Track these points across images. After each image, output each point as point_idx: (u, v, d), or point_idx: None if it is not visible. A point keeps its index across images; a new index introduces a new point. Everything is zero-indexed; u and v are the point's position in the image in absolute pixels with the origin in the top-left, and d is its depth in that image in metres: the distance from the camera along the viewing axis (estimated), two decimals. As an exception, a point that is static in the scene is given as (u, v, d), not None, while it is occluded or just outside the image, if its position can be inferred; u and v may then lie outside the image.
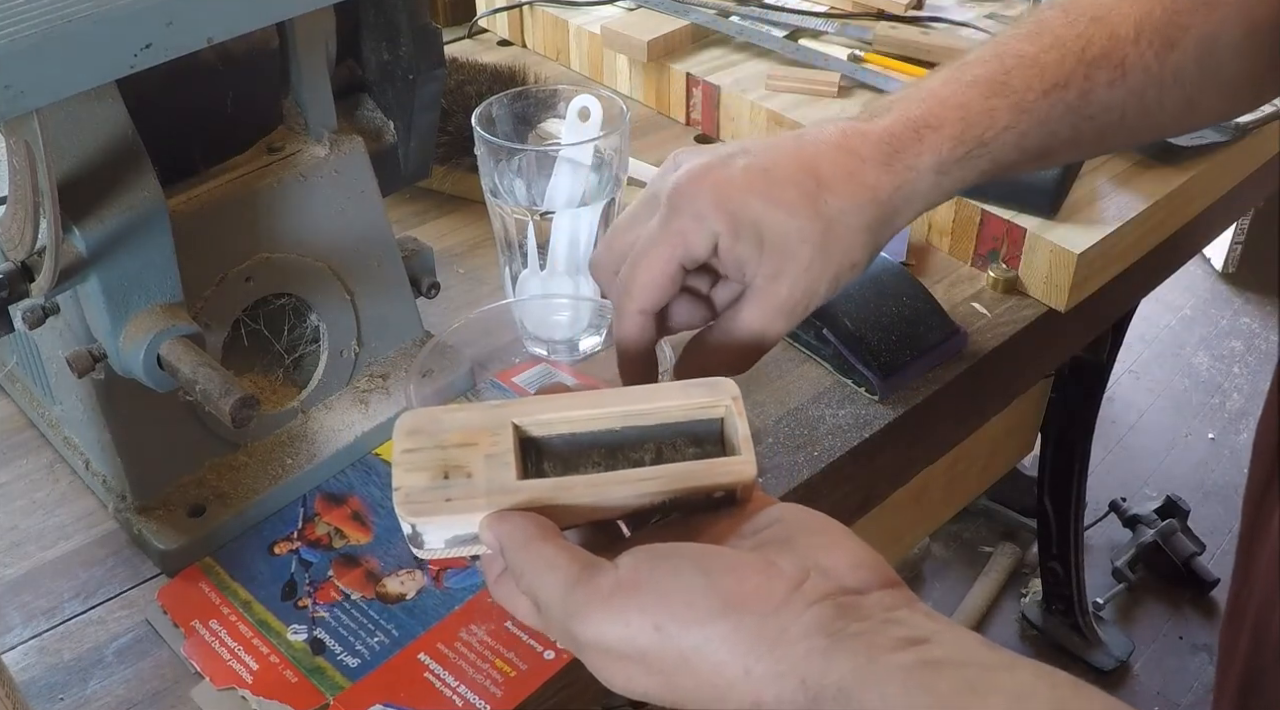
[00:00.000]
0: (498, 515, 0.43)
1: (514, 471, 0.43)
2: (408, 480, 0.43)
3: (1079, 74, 0.56)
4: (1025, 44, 0.56)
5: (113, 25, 0.49)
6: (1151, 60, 0.56)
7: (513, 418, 0.45)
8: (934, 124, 0.54)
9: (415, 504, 0.43)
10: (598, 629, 0.41)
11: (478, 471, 0.44)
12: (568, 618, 0.41)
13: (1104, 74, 0.56)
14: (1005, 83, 0.55)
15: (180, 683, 0.59)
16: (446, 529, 0.44)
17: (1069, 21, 0.57)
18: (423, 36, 0.69)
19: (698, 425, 0.46)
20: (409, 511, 0.43)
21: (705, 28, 1.08)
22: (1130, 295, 1.04)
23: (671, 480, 0.44)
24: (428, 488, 0.43)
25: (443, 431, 0.45)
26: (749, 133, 1.01)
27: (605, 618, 0.41)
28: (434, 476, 0.43)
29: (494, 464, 0.44)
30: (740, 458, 0.44)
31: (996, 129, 0.54)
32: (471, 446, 0.44)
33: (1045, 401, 1.30)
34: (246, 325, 0.67)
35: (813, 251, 0.51)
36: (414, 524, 0.43)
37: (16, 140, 0.52)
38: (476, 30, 1.23)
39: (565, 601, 0.41)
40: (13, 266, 0.56)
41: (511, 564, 0.43)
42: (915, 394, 0.76)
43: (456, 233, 0.93)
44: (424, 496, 0.43)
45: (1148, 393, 2.32)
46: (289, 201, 0.66)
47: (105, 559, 0.66)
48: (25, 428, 0.74)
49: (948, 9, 1.15)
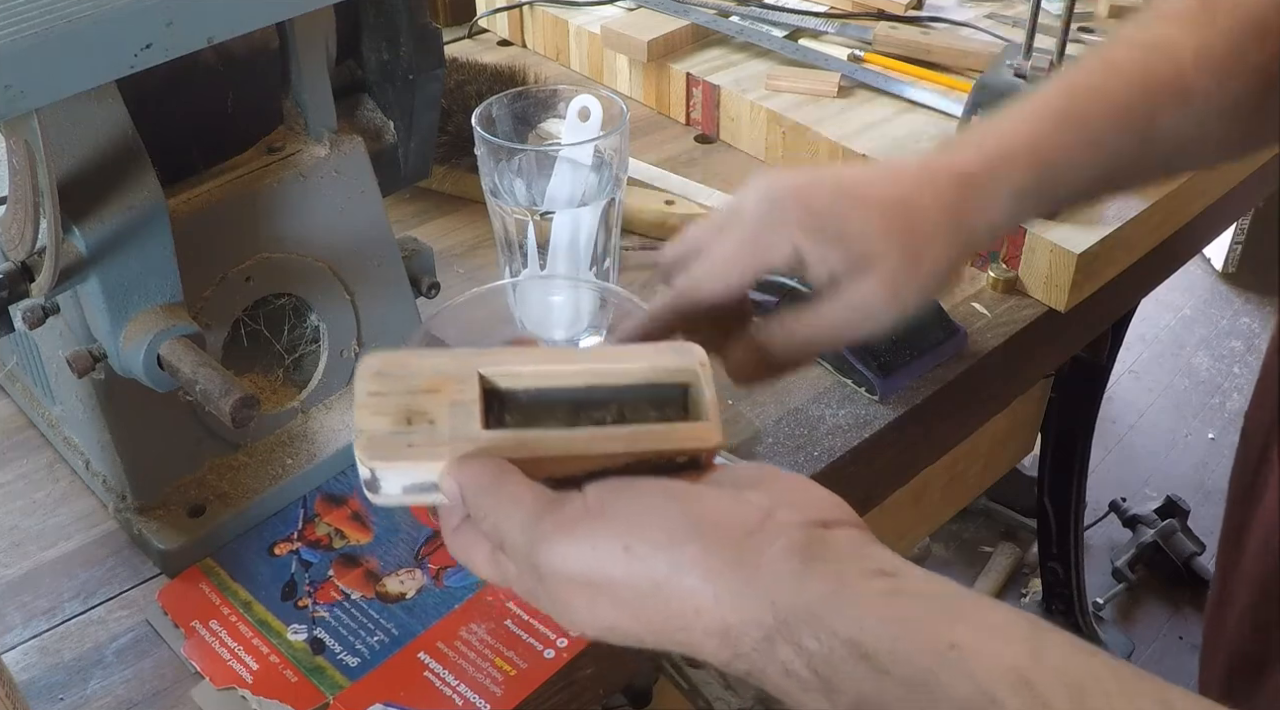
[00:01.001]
0: (459, 461, 0.43)
1: (478, 421, 0.43)
2: (370, 424, 0.43)
3: (1143, 104, 0.57)
4: (1091, 76, 0.58)
5: (113, 25, 0.49)
6: (1213, 88, 0.58)
7: (480, 367, 0.45)
8: (1008, 156, 0.56)
9: (377, 448, 0.43)
10: (563, 554, 0.40)
11: (441, 419, 0.43)
12: (532, 548, 0.41)
13: (1168, 103, 0.57)
14: (1075, 115, 0.57)
15: (180, 683, 0.59)
16: (405, 476, 0.43)
17: (1131, 52, 0.59)
18: (423, 36, 0.69)
19: (665, 389, 0.46)
20: (369, 455, 0.42)
21: (705, 28, 1.08)
22: (1130, 295, 1.04)
23: (636, 441, 0.44)
24: (390, 433, 0.43)
25: (409, 376, 0.44)
26: (749, 133, 1.01)
27: (572, 542, 0.40)
28: (396, 421, 0.43)
29: (458, 412, 0.43)
30: (706, 423, 0.44)
31: (1068, 160, 0.56)
32: (436, 393, 0.44)
33: (1045, 401, 1.30)
34: (246, 325, 0.67)
35: (899, 256, 0.53)
36: (373, 469, 0.43)
37: (16, 140, 0.53)
38: (476, 30, 1.23)
39: (531, 531, 0.41)
40: (13, 266, 0.56)
41: (474, 507, 0.42)
42: (915, 394, 0.76)
43: (456, 233, 0.93)
44: (386, 441, 0.43)
45: (1148, 393, 2.32)
46: (289, 201, 0.66)
47: (105, 559, 0.66)
48: (25, 428, 0.74)
49: (948, 9, 1.15)
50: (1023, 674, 0.35)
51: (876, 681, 0.37)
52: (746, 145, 1.02)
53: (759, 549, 0.40)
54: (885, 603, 0.38)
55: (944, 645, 0.36)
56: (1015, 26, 1.11)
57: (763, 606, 0.39)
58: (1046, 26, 0.94)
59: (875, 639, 0.37)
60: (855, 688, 0.37)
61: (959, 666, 0.36)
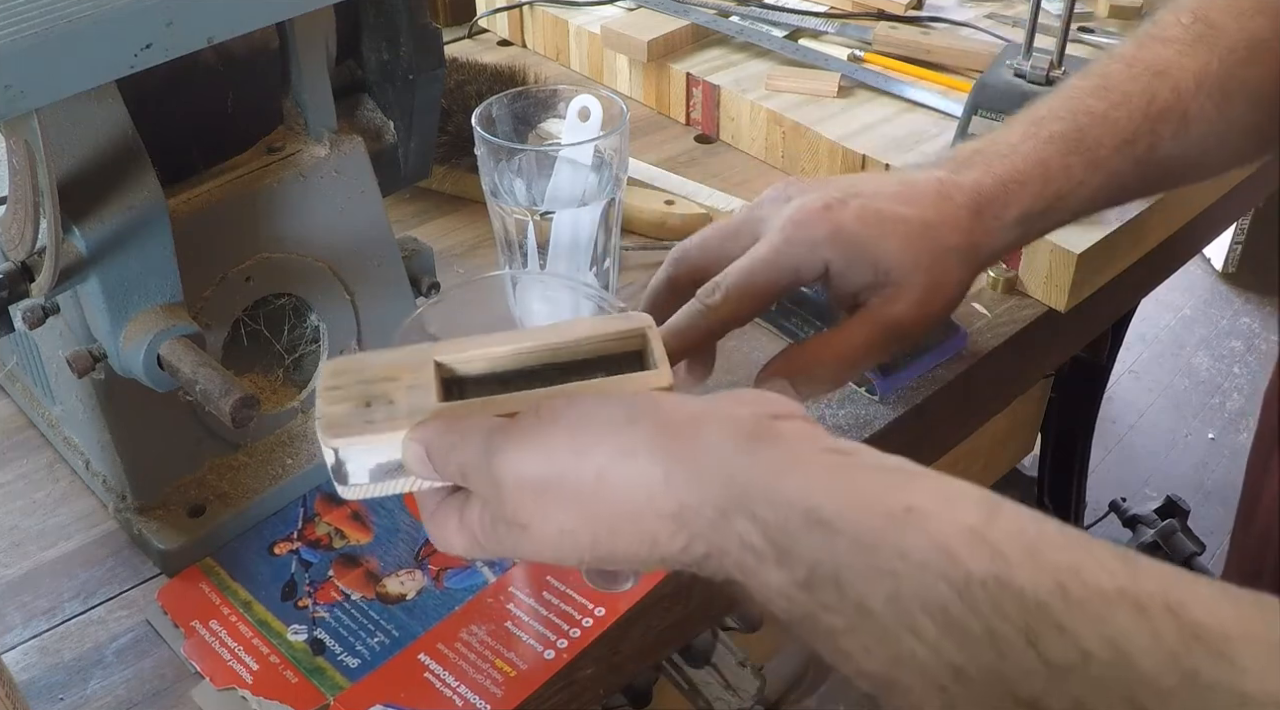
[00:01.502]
0: (417, 424, 0.43)
1: (435, 396, 0.44)
2: (330, 409, 0.44)
3: (1145, 129, 0.59)
4: (1094, 100, 0.60)
5: (113, 25, 0.49)
6: (1211, 111, 0.59)
7: (435, 355, 0.46)
8: (1019, 180, 0.57)
9: (337, 427, 0.43)
10: (517, 459, 0.41)
11: (400, 399, 0.44)
12: (490, 461, 0.41)
13: (1169, 127, 0.59)
14: (1080, 140, 0.58)
15: (180, 683, 0.59)
16: (369, 455, 0.44)
17: (1133, 76, 0.60)
18: (423, 36, 0.69)
19: (618, 358, 0.47)
20: (330, 434, 0.43)
21: (705, 28, 1.08)
22: (1130, 295, 1.04)
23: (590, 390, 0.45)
24: (350, 413, 0.44)
25: (365, 369, 0.46)
26: (749, 133, 1.01)
27: (524, 447, 0.41)
28: (357, 405, 0.44)
29: (415, 393, 0.44)
30: (656, 371, 0.45)
31: (1073, 184, 0.58)
32: (394, 380, 0.45)
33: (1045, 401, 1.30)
34: (246, 325, 0.67)
35: (926, 281, 0.55)
36: (336, 449, 0.43)
37: (16, 140, 0.52)
38: (476, 30, 1.23)
39: (487, 446, 0.42)
40: (13, 266, 0.56)
41: (436, 455, 0.43)
42: (915, 394, 0.76)
43: (456, 233, 0.93)
44: (345, 420, 0.43)
45: (1148, 393, 2.32)
46: (289, 201, 0.66)
47: (105, 559, 0.66)
48: (25, 428, 0.74)
49: (948, 9, 1.15)
50: (979, 532, 0.35)
51: (830, 545, 0.37)
52: (746, 145, 1.02)
53: (707, 432, 0.40)
54: (839, 473, 0.39)
55: (899, 508, 0.37)
56: (1015, 26, 1.11)
57: (716, 482, 0.39)
58: (1046, 26, 0.94)
59: (830, 504, 0.37)
60: (811, 555, 0.37)
61: (915, 527, 0.36)
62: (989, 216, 0.56)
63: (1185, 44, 0.60)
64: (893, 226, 0.54)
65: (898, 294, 0.54)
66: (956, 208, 0.56)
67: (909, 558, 0.35)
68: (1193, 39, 0.60)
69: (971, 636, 0.34)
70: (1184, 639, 0.32)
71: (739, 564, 0.39)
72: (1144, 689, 0.31)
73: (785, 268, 0.55)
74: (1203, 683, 0.31)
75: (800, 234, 0.55)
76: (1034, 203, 0.57)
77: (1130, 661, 0.32)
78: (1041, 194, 0.57)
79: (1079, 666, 0.32)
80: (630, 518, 0.40)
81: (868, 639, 0.36)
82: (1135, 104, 0.59)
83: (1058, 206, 0.58)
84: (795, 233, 0.55)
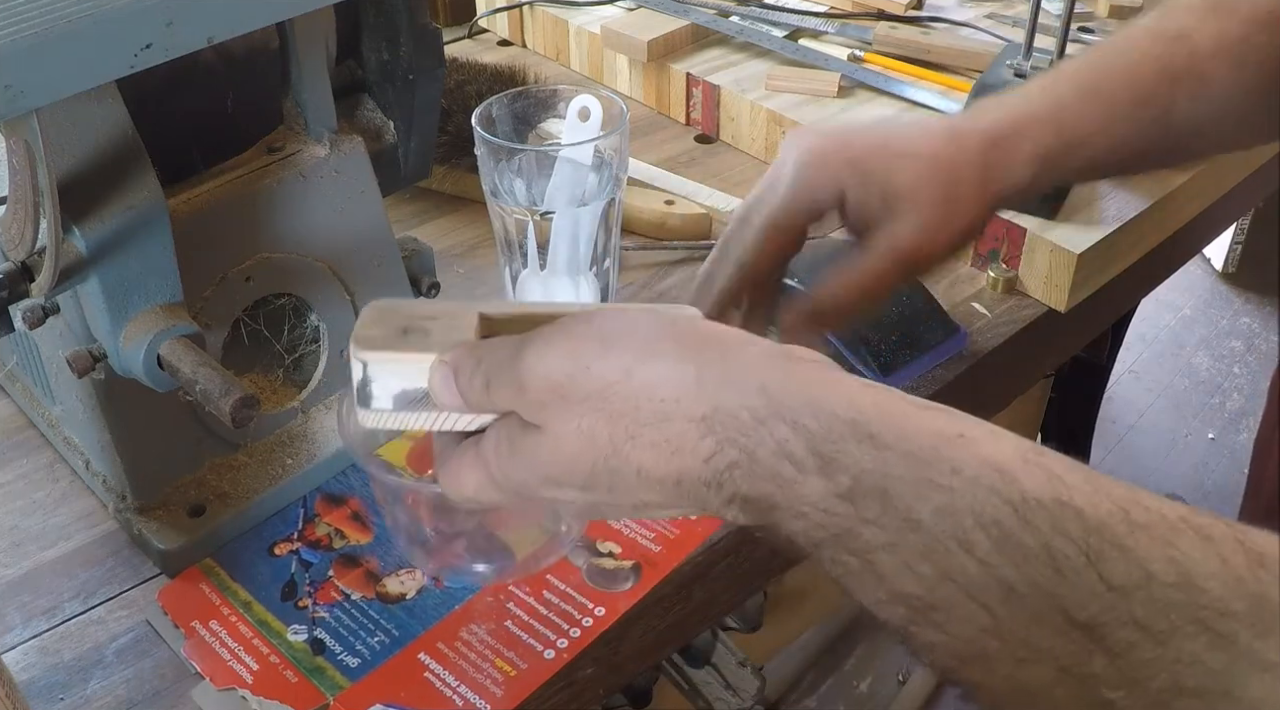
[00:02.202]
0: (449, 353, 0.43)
1: (473, 335, 0.44)
2: (365, 330, 0.44)
3: (1164, 88, 0.60)
4: (1115, 57, 0.62)
5: (113, 25, 0.49)
6: (1227, 76, 0.61)
7: (480, 308, 0.46)
8: (1034, 118, 0.59)
9: (371, 341, 0.43)
10: (543, 354, 0.40)
11: (436, 332, 0.44)
12: (515, 363, 0.40)
13: (1185, 89, 0.60)
14: (1097, 89, 0.60)
15: (180, 683, 0.59)
16: (396, 378, 0.43)
17: (1154, 42, 0.61)
18: (423, 36, 0.69)
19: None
20: (363, 344, 0.43)
21: (705, 28, 1.08)
22: (1130, 295, 1.04)
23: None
24: (385, 335, 0.44)
25: (410, 308, 0.46)
26: (749, 133, 1.01)
27: (552, 346, 0.40)
28: (394, 331, 0.44)
29: (454, 330, 0.44)
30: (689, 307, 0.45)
31: (1089, 130, 0.59)
32: (435, 319, 0.45)
33: (1045, 401, 1.30)
34: (246, 325, 0.67)
35: (935, 208, 0.56)
36: (365, 364, 0.43)
37: (16, 140, 0.52)
38: (476, 30, 1.23)
39: (514, 352, 0.40)
40: (13, 266, 0.56)
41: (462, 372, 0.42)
42: (915, 394, 0.76)
43: (456, 233, 0.93)
44: (380, 338, 0.43)
45: (1148, 393, 2.32)
46: (289, 201, 0.66)
47: (105, 559, 0.66)
48: (25, 428, 0.74)
49: (948, 9, 1.15)
50: (1033, 458, 0.34)
51: (879, 457, 0.35)
52: (746, 145, 1.02)
53: (742, 345, 0.40)
54: (883, 397, 0.38)
55: (951, 433, 0.36)
56: (1015, 26, 1.11)
57: (752, 389, 0.37)
58: (1046, 26, 0.94)
59: (878, 421, 0.36)
60: (856, 464, 0.36)
61: (967, 448, 0.35)
62: (1002, 154, 0.58)
63: (1206, 10, 0.61)
64: (903, 159, 0.57)
65: (907, 221, 0.56)
66: (967, 144, 0.58)
67: (962, 473, 0.34)
68: (1213, 5, 0.61)
69: (1028, 553, 0.32)
70: (1250, 564, 0.31)
71: (773, 473, 0.37)
72: (1210, 611, 0.30)
73: (803, 200, 0.57)
74: (1272, 607, 0.30)
75: (816, 162, 0.57)
76: (1048, 141, 0.59)
77: (1196, 584, 0.31)
78: (1057, 133, 0.59)
79: (1143, 587, 0.31)
80: (655, 419, 0.38)
81: (911, 554, 0.34)
82: (1153, 66, 0.60)
83: (1074, 152, 0.59)
84: (811, 162, 0.57)
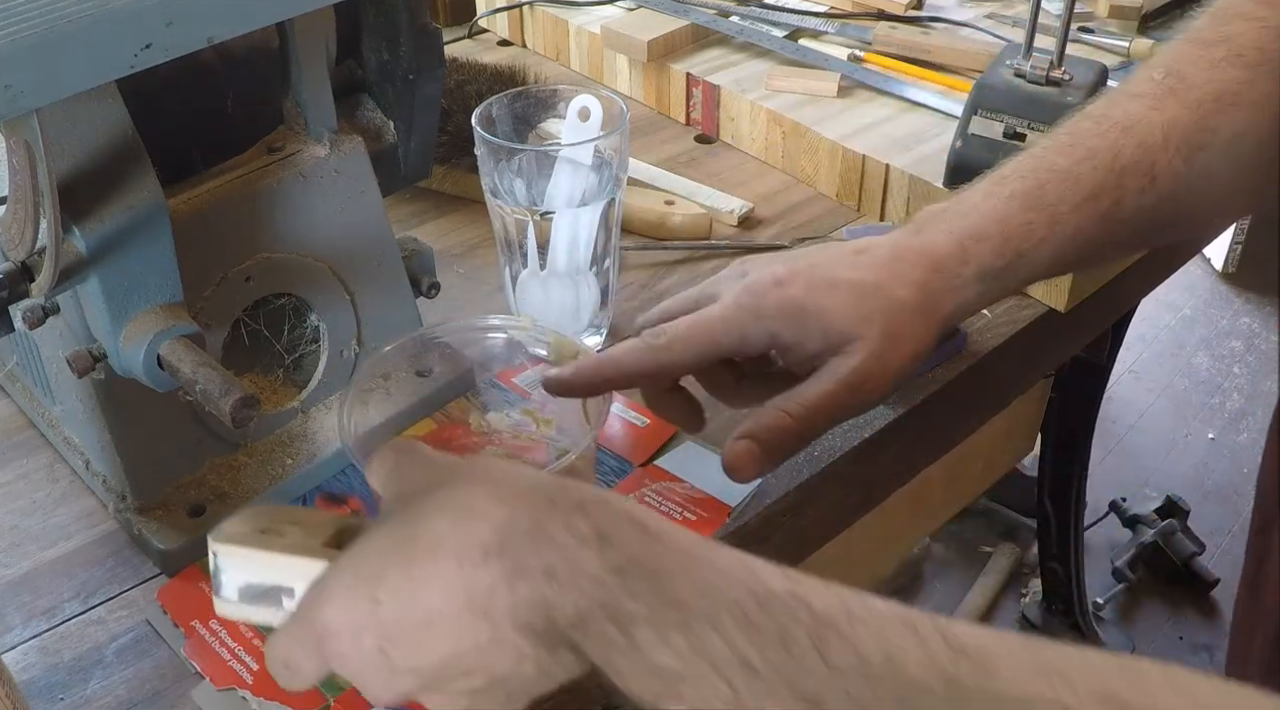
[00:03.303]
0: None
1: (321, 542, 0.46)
2: (230, 525, 0.47)
3: (1110, 184, 0.58)
4: (1059, 157, 0.59)
5: (113, 25, 0.49)
6: (1180, 165, 0.58)
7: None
8: (977, 237, 0.58)
9: (227, 533, 0.46)
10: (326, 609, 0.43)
11: (290, 535, 0.47)
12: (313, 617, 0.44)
13: (1134, 182, 0.58)
14: (1041, 196, 0.58)
15: (180, 683, 0.59)
16: (243, 572, 0.45)
17: (1100, 132, 0.60)
18: (423, 36, 0.69)
19: None
20: (216, 536, 0.45)
21: (705, 28, 1.08)
22: (1130, 295, 1.04)
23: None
24: (245, 532, 0.46)
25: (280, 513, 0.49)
26: (749, 133, 1.01)
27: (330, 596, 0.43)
28: (254, 529, 0.47)
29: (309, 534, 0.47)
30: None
31: (1033, 241, 0.58)
32: (296, 524, 0.48)
33: (1045, 401, 1.30)
34: (246, 325, 0.67)
35: (879, 335, 0.55)
36: (216, 554, 0.45)
37: (16, 140, 0.52)
38: (476, 30, 1.23)
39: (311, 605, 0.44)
40: (13, 266, 0.56)
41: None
42: (915, 394, 0.76)
43: (456, 233, 0.93)
44: (238, 533, 0.46)
45: (1148, 393, 2.32)
46: (289, 201, 0.66)
47: (105, 559, 0.66)
48: (25, 428, 0.74)
49: (948, 9, 1.15)
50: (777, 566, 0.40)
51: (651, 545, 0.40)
52: (746, 145, 1.02)
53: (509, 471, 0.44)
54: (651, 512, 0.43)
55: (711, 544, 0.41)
56: (1015, 26, 1.11)
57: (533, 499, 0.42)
58: (1046, 26, 0.94)
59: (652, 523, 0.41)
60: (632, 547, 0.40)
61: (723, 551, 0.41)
62: (946, 273, 0.57)
63: (1155, 98, 0.59)
64: (843, 291, 0.56)
65: (852, 350, 0.55)
66: (910, 266, 0.57)
67: (718, 567, 0.40)
68: (1163, 93, 0.59)
69: (766, 634, 0.37)
70: (949, 652, 0.36)
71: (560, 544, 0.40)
72: (912, 689, 0.35)
73: (732, 331, 0.57)
74: (964, 686, 0.35)
75: (750, 302, 0.57)
76: (993, 259, 0.57)
77: (901, 667, 0.36)
78: (1001, 250, 0.57)
79: (856, 668, 0.36)
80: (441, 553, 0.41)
81: (668, 629, 0.38)
82: (1100, 160, 0.58)
83: (1019, 263, 0.58)
84: (746, 301, 0.57)
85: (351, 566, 0.43)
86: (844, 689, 0.36)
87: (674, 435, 0.72)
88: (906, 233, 0.59)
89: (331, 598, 0.43)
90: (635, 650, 0.39)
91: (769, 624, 0.37)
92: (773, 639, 0.37)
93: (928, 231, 0.58)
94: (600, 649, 0.39)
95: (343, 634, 0.42)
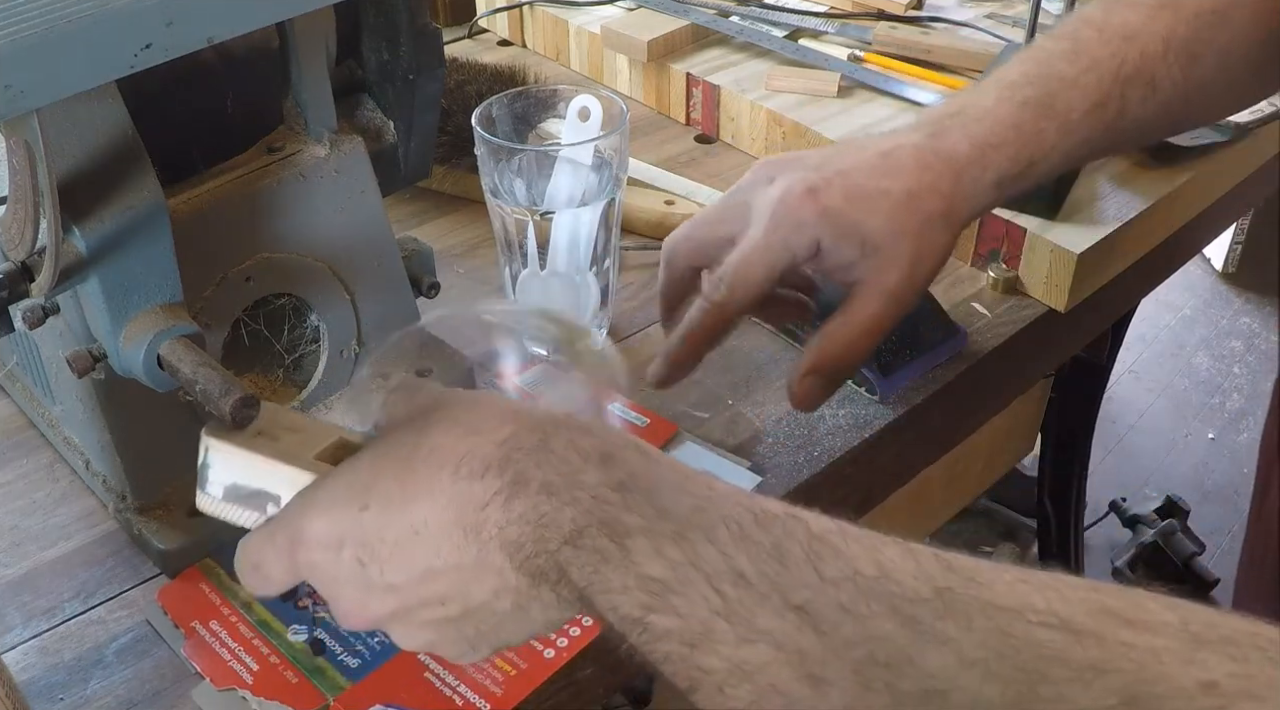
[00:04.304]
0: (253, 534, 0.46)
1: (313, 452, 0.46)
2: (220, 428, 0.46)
3: (1115, 93, 0.61)
4: (1066, 65, 0.62)
5: (113, 25, 0.49)
6: (1178, 75, 0.62)
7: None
8: (995, 143, 0.60)
9: (217, 428, 0.45)
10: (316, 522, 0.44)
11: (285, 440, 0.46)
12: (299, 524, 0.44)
13: (1136, 92, 0.61)
14: (1052, 105, 0.61)
15: (180, 683, 0.59)
16: (230, 472, 0.44)
17: (1104, 40, 0.62)
18: (423, 36, 0.69)
19: None
20: (211, 431, 0.45)
21: (705, 28, 1.08)
22: (1130, 295, 1.04)
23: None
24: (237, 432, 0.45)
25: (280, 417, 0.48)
26: (749, 133, 1.01)
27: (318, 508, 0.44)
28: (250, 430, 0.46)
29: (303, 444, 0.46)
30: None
31: (1045, 149, 0.60)
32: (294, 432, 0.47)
33: (1045, 401, 1.30)
34: (246, 325, 0.67)
35: (913, 248, 0.57)
36: (207, 449, 0.44)
37: (16, 140, 0.52)
38: (476, 30, 1.23)
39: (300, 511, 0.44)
40: (13, 266, 0.56)
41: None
42: (915, 394, 0.76)
43: (456, 233, 0.93)
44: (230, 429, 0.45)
45: (1148, 393, 2.32)
46: (289, 201, 0.66)
47: (105, 559, 0.66)
48: (25, 428, 0.74)
49: (948, 9, 1.15)
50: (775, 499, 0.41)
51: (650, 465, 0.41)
52: (746, 145, 1.02)
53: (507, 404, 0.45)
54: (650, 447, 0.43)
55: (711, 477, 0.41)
56: (1015, 26, 1.11)
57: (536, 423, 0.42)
58: (1046, 26, 0.94)
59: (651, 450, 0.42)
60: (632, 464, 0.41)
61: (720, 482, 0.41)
62: (967, 180, 0.59)
63: (1150, 9, 0.62)
64: (878, 201, 0.57)
65: (889, 264, 0.57)
66: (936, 176, 0.58)
67: (715, 488, 0.40)
68: (1159, 3, 0.62)
69: (761, 548, 0.38)
70: (941, 568, 0.37)
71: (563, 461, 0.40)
72: (902, 599, 0.36)
73: (779, 251, 0.58)
74: (957, 595, 0.36)
75: (789, 216, 0.57)
76: (1010, 166, 0.60)
77: (894, 579, 0.36)
78: (1016, 158, 0.60)
79: (850, 579, 0.36)
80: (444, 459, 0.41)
81: (663, 540, 0.38)
82: (1105, 69, 0.61)
83: (1031, 170, 0.60)
84: (784, 215, 0.57)
85: (344, 478, 0.43)
86: (837, 600, 0.36)
87: (674, 435, 0.73)
88: (924, 134, 0.60)
89: (317, 504, 0.42)
90: (628, 561, 0.38)
91: (764, 538, 0.38)
92: (768, 552, 0.37)
93: (947, 136, 0.60)
94: (590, 565, 0.39)
95: (323, 543, 0.42)
